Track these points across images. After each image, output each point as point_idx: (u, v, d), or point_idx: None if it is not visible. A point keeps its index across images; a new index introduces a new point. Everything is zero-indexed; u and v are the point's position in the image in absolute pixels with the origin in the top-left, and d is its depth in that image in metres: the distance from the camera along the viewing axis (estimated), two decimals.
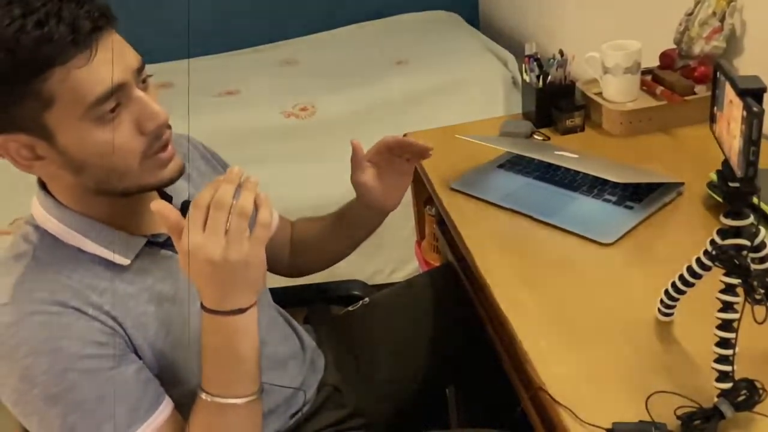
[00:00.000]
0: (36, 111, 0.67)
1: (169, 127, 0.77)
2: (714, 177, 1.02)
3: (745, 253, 0.65)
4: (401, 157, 1.02)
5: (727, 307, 0.67)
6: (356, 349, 1.11)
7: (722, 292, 0.67)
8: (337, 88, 2.22)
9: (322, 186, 1.80)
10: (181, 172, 0.79)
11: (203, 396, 0.76)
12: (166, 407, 0.77)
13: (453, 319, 1.13)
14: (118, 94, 0.70)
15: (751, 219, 0.66)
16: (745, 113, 0.59)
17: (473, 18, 2.94)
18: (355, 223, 1.08)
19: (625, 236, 1.01)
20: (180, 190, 0.87)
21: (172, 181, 0.78)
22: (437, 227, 1.38)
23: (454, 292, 1.17)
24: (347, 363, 1.08)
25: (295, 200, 1.80)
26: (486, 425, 0.98)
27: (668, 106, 1.31)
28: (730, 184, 0.64)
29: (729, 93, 0.63)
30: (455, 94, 2.10)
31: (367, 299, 1.19)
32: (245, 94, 2.29)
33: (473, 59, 2.27)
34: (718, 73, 0.66)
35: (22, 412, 0.72)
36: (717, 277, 0.68)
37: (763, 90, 0.60)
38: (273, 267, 1.11)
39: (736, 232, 0.66)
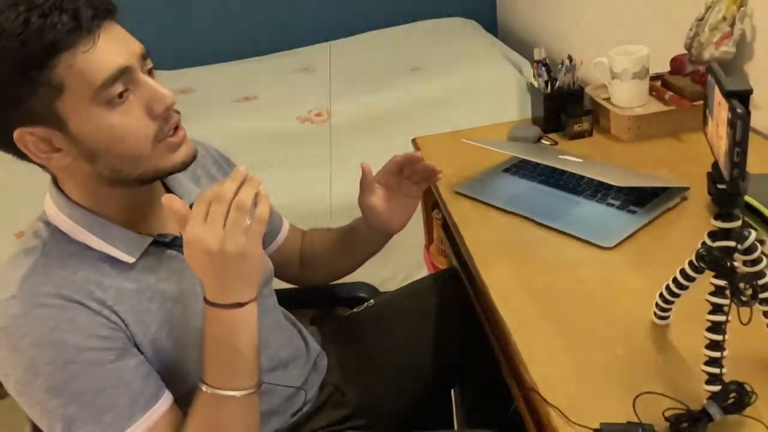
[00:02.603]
0: (49, 100, 0.70)
1: (178, 112, 0.79)
2: None
3: (734, 255, 0.65)
4: (410, 179, 1.03)
5: (716, 309, 0.67)
6: (360, 350, 1.12)
7: (712, 294, 0.67)
8: (352, 94, 2.24)
9: (335, 190, 1.82)
10: (193, 156, 0.81)
11: (203, 387, 0.78)
12: (165, 400, 0.79)
13: (456, 321, 1.14)
14: (124, 78, 0.73)
15: (740, 221, 0.65)
16: (730, 114, 0.59)
17: (491, 25, 2.94)
18: (359, 242, 1.11)
19: (626, 240, 1.01)
20: (189, 192, 0.89)
21: (184, 164, 0.80)
22: (443, 231, 1.39)
23: (458, 295, 1.17)
24: (350, 363, 1.09)
25: (309, 205, 1.83)
26: (485, 426, 0.98)
27: (677, 111, 1.30)
28: (719, 186, 0.64)
29: (717, 95, 0.63)
30: (469, 100, 2.10)
31: (372, 301, 1.20)
32: (262, 100, 2.33)
33: (488, 66, 2.28)
34: (708, 76, 0.67)
35: (26, 402, 0.74)
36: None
37: (749, 92, 0.60)
38: (283, 275, 1.13)
39: (726, 234, 0.66)
